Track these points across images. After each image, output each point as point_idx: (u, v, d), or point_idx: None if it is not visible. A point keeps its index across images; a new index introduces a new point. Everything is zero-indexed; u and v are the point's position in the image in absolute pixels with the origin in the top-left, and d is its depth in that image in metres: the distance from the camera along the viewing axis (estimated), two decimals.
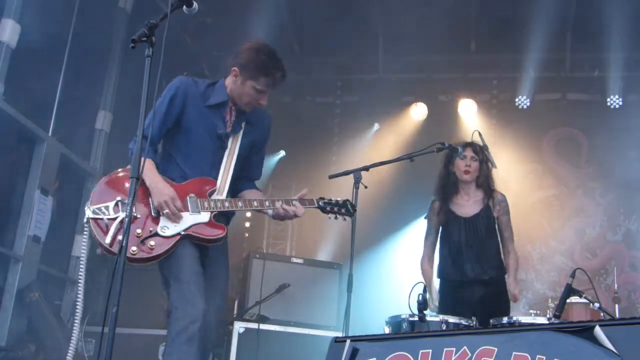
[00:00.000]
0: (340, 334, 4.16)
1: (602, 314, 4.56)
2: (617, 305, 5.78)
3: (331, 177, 4.97)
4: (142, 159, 3.13)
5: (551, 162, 8.84)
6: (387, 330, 4.81)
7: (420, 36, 7.79)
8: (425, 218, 5.54)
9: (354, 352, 2.86)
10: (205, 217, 3.77)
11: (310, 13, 7.90)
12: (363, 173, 4.74)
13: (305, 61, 8.66)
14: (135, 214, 3.64)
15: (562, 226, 8.57)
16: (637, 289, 8.03)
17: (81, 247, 3.72)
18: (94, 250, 6.22)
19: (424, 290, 4.48)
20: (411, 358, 2.73)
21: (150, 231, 3.64)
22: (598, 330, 2.41)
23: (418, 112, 9.03)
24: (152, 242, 3.62)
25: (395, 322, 4.76)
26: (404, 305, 4.57)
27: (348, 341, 2.93)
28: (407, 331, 4.54)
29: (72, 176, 6.73)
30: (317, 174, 8.08)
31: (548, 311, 4.76)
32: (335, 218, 4.19)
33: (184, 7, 3.31)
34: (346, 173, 4.83)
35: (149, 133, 3.72)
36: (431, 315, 4.60)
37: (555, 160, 8.82)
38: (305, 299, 6.66)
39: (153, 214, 3.70)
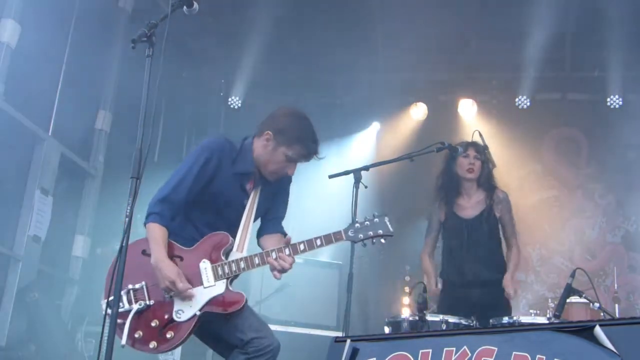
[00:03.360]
0: (340, 334, 4.17)
1: (602, 314, 4.56)
2: (617, 306, 5.78)
3: (331, 176, 4.98)
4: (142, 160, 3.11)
5: (551, 163, 8.84)
6: (387, 330, 4.82)
7: (420, 36, 7.79)
8: (426, 218, 5.56)
9: (354, 352, 2.86)
10: (220, 287, 3.52)
11: (310, 11, 7.89)
12: (363, 173, 4.75)
13: (305, 60, 8.66)
14: (149, 302, 3.51)
15: (562, 227, 8.56)
16: (636, 290, 8.03)
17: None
18: (93, 252, 6.21)
19: (424, 290, 4.49)
20: (411, 358, 2.73)
21: (166, 318, 3.47)
22: (598, 330, 2.41)
23: (418, 112, 9.03)
24: (169, 335, 3.45)
25: (395, 322, 4.77)
26: (404, 305, 4.58)
27: (348, 341, 2.93)
28: (407, 331, 4.54)
29: (72, 176, 6.73)
30: (317, 173, 8.07)
31: (548, 311, 4.76)
32: (373, 243, 3.66)
33: (185, 7, 3.28)
34: (346, 173, 4.84)
35: (172, 196, 3.59)
36: (431, 315, 4.61)
37: (555, 160, 8.82)
38: (305, 299, 6.67)
39: (166, 297, 3.51)
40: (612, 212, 8.47)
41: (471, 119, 8.80)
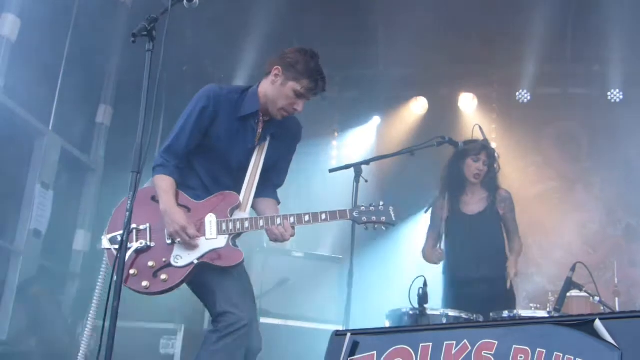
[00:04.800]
0: (340, 328, 4.17)
1: (602, 308, 4.57)
2: (617, 299, 5.79)
3: (332, 171, 4.99)
4: (144, 152, 3.12)
5: (551, 156, 8.83)
6: (387, 323, 4.83)
7: (420, 30, 7.78)
8: (425, 212, 5.56)
9: (354, 346, 2.87)
10: (221, 241, 3.62)
11: (310, 6, 7.88)
12: (364, 167, 4.75)
13: None
14: (150, 243, 3.60)
15: (562, 220, 8.56)
16: (637, 284, 8.03)
17: (98, 280, 3.65)
18: (94, 246, 6.22)
19: (424, 284, 4.50)
20: (411, 351, 2.74)
21: (164, 261, 3.56)
22: (598, 324, 2.42)
23: (418, 106, 9.02)
24: (164, 276, 3.53)
25: (396, 316, 4.78)
26: (405, 299, 4.59)
27: (348, 334, 2.94)
28: (407, 325, 4.55)
29: (72, 170, 6.73)
30: (317, 167, 8.08)
31: (548, 305, 4.77)
32: (374, 228, 3.75)
33: (185, 1, 3.28)
34: (347, 167, 4.84)
35: (174, 146, 3.69)
36: (431, 309, 4.62)
37: (556, 154, 8.81)
38: (305, 293, 6.68)
39: (168, 242, 3.60)
40: (613, 206, 8.46)
41: (472, 113, 8.79)
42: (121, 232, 3.39)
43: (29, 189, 5.96)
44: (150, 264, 3.56)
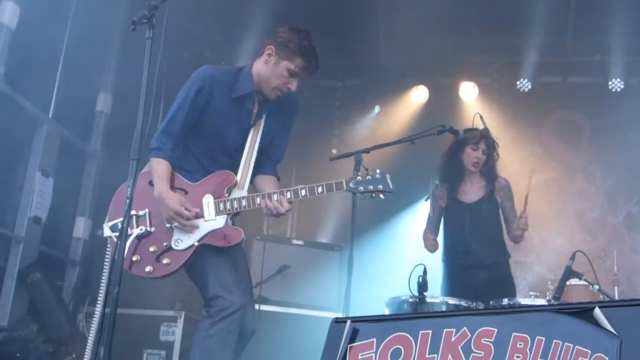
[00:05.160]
0: (340, 315, 4.18)
1: (601, 296, 4.58)
2: (616, 288, 5.80)
3: (332, 159, 4.98)
4: (143, 142, 3.12)
5: (552, 145, 8.82)
6: (387, 311, 4.84)
7: (421, 19, 7.75)
8: (425, 200, 5.56)
9: (354, 333, 2.88)
10: (220, 222, 3.64)
11: None
12: (364, 155, 4.74)
13: None
14: (150, 229, 3.63)
15: (563, 209, 8.56)
16: (637, 272, 8.04)
17: (104, 267, 3.66)
18: (94, 233, 6.24)
19: (424, 272, 4.51)
20: (411, 339, 2.74)
21: (165, 246, 3.59)
22: (597, 312, 2.42)
23: (419, 95, 9.01)
24: (166, 260, 3.57)
25: (395, 304, 4.79)
26: (404, 287, 4.60)
27: (348, 322, 2.94)
28: (407, 312, 4.57)
29: (73, 158, 6.73)
30: (317, 156, 8.08)
31: (548, 293, 4.78)
32: (372, 197, 3.74)
33: None
34: (347, 155, 4.83)
35: (170, 127, 3.71)
36: (431, 297, 4.63)
37: (556, 143, 8.80)
38: (305, 281, 6.69)
39: (167, 226, 3.63)
40: (614, 194, 8.46)
41: (472, 101, 8.78)
42: (122, 219, 3.43)
43: (29, 176, 5.96)
44: (152, 249, 3.59)
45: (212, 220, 3.63)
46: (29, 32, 5.67)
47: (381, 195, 3.71)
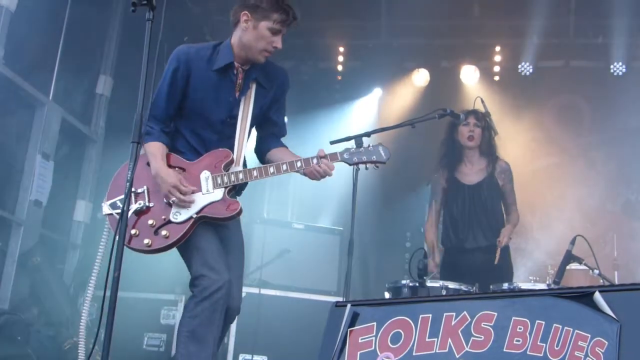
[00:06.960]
0: (340, 299, 4.19)
1: (601, 281, 4.59)
2: (616, 273, 5.80)
3: (332, 142, 4.95)
4: (142, 124, 3.11)
5: (553, 130, 8.79)
6: (387, 295, 4.85)
7: (422, 1, 7.71)
8: (427, 185, 5.57)
9: (354, 317, 2.89)
10: (218, 194, 3.66)
11: None
12: (364, 139, 4.73)
13: (307, 26, 8.58)
14: (148, 204, 3.64)
15: (563, 195, 8.54)
16: (636, 258, 8.04)
17: (99, 249, 3.67)
18: (95, 216, 6.22)
19: (424, 256, 4.51)
20: (411, 323, 2.75)
21: (163, 219, 3.61)
22: (598, 296, 2.43)
23: (420, 78, 8.97)
24: (164, 232, 3.58)
25: (396, 288, 4.80)
26: (404, 271, 4.61)
27: (348, 306, 2.95)
28: (407, 296, 4.58)
29: (73, 141, 6.72)
30: (318, 139, 8.06)
31: (548, 278, 4.78)
32: (366, 168, 3.82)
33: None
34: (347, 139, 4.81)
35: (153, 111, 3.68)
36: (431, 281, 4.64)
37: (557, 127, 8.77)
38: (306, 264, 6.70)
39: (165, 201, 3.65)
40: (614, 180, 8.44)
41: (473, 85, 8.74)
42: (121, 197, 3.49)
43: (30, 159, 5.96)
44: (150, 222, 3.61)
45: (210, 193, 3.66)
46: (28, 13, 5.65)
47: (375, 166, 3.78)
